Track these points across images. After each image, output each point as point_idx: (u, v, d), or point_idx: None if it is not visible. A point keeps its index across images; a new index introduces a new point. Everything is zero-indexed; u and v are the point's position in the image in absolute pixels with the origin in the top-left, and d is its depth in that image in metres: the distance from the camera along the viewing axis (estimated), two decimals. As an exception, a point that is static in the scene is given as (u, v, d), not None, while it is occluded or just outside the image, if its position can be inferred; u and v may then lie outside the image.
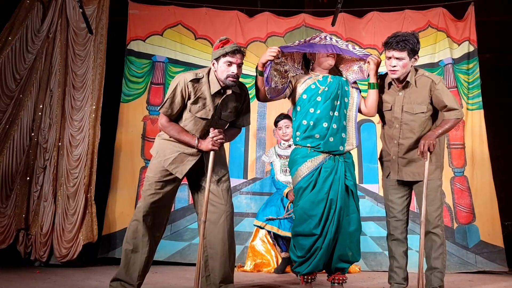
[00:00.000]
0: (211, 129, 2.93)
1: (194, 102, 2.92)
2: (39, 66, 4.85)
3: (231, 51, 2.87)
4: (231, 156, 5.17)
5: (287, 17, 5.56)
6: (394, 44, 3.08)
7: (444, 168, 3.40)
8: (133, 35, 5.31)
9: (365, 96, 3.27)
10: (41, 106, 4.79)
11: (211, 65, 2.99)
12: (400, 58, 3.09)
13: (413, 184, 3.26)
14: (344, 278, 3.17)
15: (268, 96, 3.17)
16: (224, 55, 2.88)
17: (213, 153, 2.92)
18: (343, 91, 3.20)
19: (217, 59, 2.92)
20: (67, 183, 4.64)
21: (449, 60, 5.24)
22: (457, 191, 4.99)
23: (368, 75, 3.21)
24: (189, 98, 2.92)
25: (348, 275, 3.57)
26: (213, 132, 2.91)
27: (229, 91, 2.97)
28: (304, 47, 3.15)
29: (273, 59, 3.03)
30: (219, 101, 2.97)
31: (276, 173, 4.56)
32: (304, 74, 3.29)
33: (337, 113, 3.15)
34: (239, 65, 2.92)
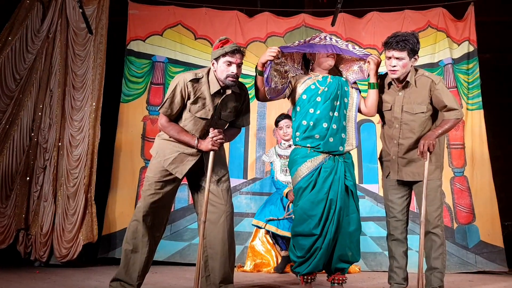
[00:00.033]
0: (210, 129, 2.93)
1: (194, 102, 2.92)
2: (39, 66, 4.85)
3: (230, 51, 2.87)
4: (231, 156, 5.17)
5: (287, 17, 5.55)
6: (394, 44, 3.08)
7: (444, 168, 3.40)
8: (133, 35, 5.31)
9: (365, 96, 3.27)
10: (41, 106, 4.79)
11: (210, 65, 2.99)
12: (400, 58, 3.09)
13: (413, 184, 3.26)
14: (344, 278, 3.17)
15: (268, 96, 3.17)
16: (223, 55, 2.88)
17: (213, 153, 2.92)
18: (343, 92, 3.20)
19: (217, 59, 2.92)
20: (67, 183, 4.64)
21: (449, 60, 5.23)
22: (457, 191, 4.98)
23: (368, 75, 3.21)
24: (188, 98, 2.92)
25: (348, 275, 3.57)
26: (213, 132, 2.91)
27: (228, 91, 2.97)
28: (304, 47, 3.15)
29: (273, 59, 3.03)
30: (219, 101, 2.96)
31: (276, 173, 4.56)
32: (304, 75, 3.29)
33: (337, 114, 3.15)
34: (239, 65, 2.92)
